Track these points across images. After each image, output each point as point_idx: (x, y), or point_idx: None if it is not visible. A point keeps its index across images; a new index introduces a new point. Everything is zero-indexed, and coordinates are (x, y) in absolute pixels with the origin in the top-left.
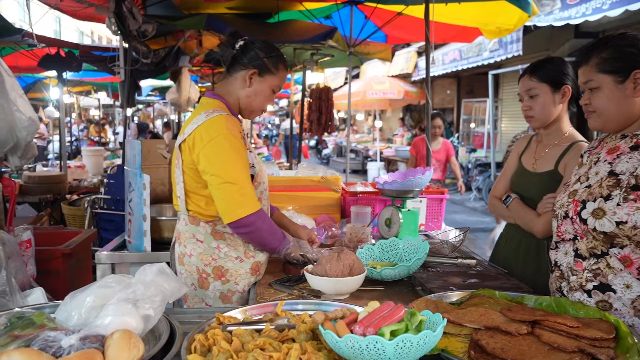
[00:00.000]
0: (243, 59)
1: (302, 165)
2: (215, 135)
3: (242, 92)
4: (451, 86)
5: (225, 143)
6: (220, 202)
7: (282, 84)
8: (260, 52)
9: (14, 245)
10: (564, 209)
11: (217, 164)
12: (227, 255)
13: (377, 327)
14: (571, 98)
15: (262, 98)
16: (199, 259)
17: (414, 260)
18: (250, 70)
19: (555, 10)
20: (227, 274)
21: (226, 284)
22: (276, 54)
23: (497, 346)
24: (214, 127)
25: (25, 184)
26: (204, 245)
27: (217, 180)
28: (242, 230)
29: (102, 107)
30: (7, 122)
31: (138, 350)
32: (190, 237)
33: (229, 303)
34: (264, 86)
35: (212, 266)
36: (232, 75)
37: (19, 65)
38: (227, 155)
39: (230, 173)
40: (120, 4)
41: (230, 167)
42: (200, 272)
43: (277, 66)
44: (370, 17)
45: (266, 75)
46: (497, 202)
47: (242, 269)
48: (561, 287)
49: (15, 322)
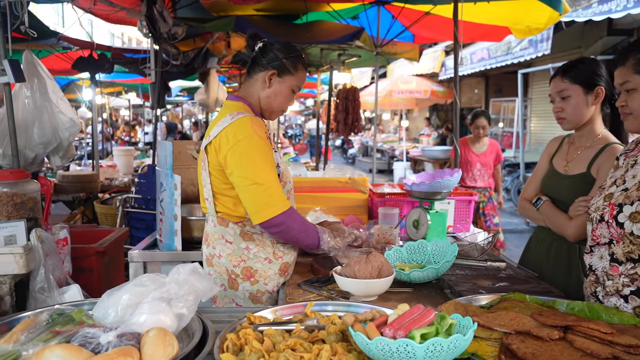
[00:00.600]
0: (262, 60)
1: (330, 167)
2: (241, 137)
3: (262, 93)
4: (479, 85)
5: (251, 144)
6: (249, 203)
7: (301, 84)
8: (279, 53)
9: (51, 243)
10: (599, 213)
11: (243, 165)
12: (256, 256)
13: (407, 330)
14: (604, 99)
15: (282, 98)
16: (228, 259)
17: (443, 263)
18: (270, 71)
19: (594, 3)
20: (256, 274)
21: (255, 285)
22: (295, 55)
23: (528, 351)
24: (239, 129)
25: (60, 183)
26: (233, 246)
27: (244, 182)
28: (273, 230)
29: (132, 107)
30: (51, 124)
31: (173, 348)
32: (219, 238)
33: (259, 303)
34: (283, 87)
35: (241, 267)
36: (252, 77)
37: (54, 67)
38: (253, 157)
39: (257, 174)
40: (151, 7)
41: (257, 168)
42: (229, 273)
43: (296, 66)
44: (397, 17)
45: (285, 75)
46: (528, 205)
47: (271, 270)
48: (596, 291)
49: (56, 318)
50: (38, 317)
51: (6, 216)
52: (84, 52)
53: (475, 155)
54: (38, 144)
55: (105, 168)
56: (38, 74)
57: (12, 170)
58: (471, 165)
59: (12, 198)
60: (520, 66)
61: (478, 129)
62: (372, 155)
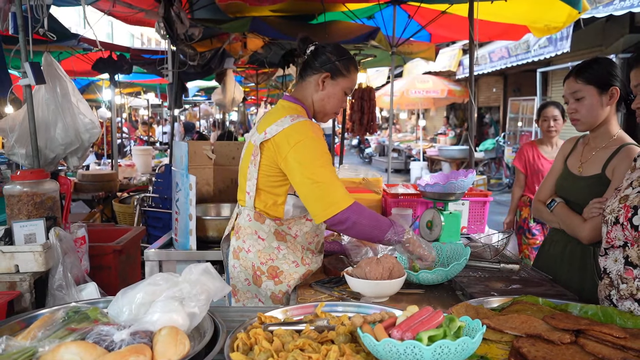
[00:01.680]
0: (315, 63)
1: (344, 167)
2: (302, 138)
3: (315, 95)
4: (497, 84)
5: (312, 145)
6: (311, 202)
7: (353, 85)
8: (332, 56)
9: (69, 242)
10: (615, 215)
11: (304, 166)
12: (285, 257)
13: (415, 332)
14: (620, 99)
15: (335, 100)
16: (257, 255)
17: (453, 265)
18: (323, 74)
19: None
20: (281, 275)
21: (278, 285)
22: (347, 57)
23: (539, 354)
24: (301, 131)
25: (79, 182)
26: (264, 243)
27: (307, 181)
28: (339, 227)
29: (151, 107)
30: (73, 125)
31: (184, 347)
32: (252, 233)
33: (279, 304)
34: (336, 89)
35: (268, 265)
36: (305, 80)
37: (75, 69)
38: (312, 157)
39: (317, 173)
40: (169, 8)
41: (316, 168)
42: (255, 268)
43: (349, 68)
44: (413, 16)
45: (338, 77)
46: (542, 206)
47: (297, 274)
48: (610, 295)
49: (72, 315)
50: (55, 315)
51: (26, 215)
52: (103, 53)
53: (548, 162)
54: (60, 144)
55: (123, 167)
56: (58, 75)
57: (33, 170)
58: (542, 174)
59: (32, 197)
60: (540, 65)
61: (547, 121)
62: (388, 155)
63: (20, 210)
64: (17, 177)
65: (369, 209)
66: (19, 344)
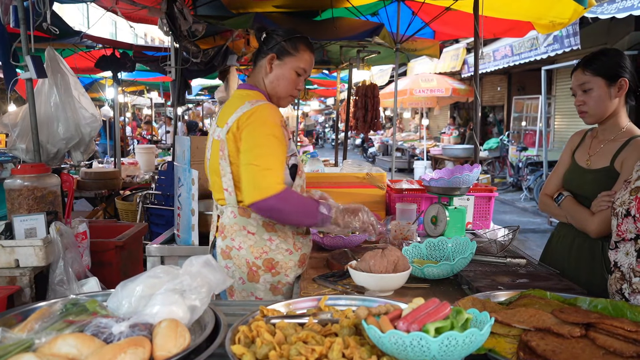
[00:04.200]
0: (264, 47)
1: (347, 162)
2: (256, 119)
3: (266, 79)
4: (501, 83)
5: (264, 128)
6: (244, 185)
7: (306, 65)
8: (278, 37)
9: (70, 237)
10: (625, 207)
11: (251, 145)
12: (278, 247)
13: (421, 324)
14: (629, 91)
15: (285, 82)
16: (250, 251)
17: (458, 259)
18: (269, 55)
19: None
20: (277, 266)
21: (277, 276)
22: (296, 36)
23: (548, 348)
24: (257, 113)
25: (82, 180)
26: (255, 237)
27: (245, 160)
28: (266, 215)
29: (154, 106)
30: (74, 119)
31: (184, 340)
32: (240, 229)
33: (279, 294)
34: (285, 69)
35: (262, 259)
36: (256, 67)
37: (78, 66)
38: (261, 138)
39: (260, 156)
40: (171, 5)
41: (261, 150)
42: (250, 265)
43: (297, 47)
44: (417, 12)
45: (285, 57)
46: (549, 200)
47: (292, 261)
48: (622, 289)
49: (70, 308)
50: (52, 307)
51: (27, 209)
52: (106, 51)
53: None
54: (61, 139)
55: (126, 165)
56: (61, 70)
57: (33, 164)
58: None
59: (33, 192)
60: (544, 63)
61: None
62: (392, 153)
63: (20, 204)
64: (18, 171)
65: (297, 194)
66: (15, 336)
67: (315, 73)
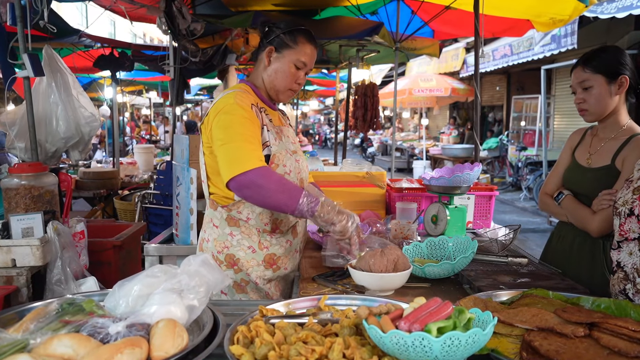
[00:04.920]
0: (264, 41)
1: (347, 161)
2: (222, 107)
3: (264, 73)
4: (501, 83)
5: (230, 113)
6: (222, 164)
7: (306, 58)
8: (277, 30)
9: (68, 236)
10: (628, 206)
11: (221, 130)
12: (239, 243)
13: (423, 324)
14: (629, 88)
15: (283, 75)
16: (214, 244)
17: (459, 258)
18: (267, 48)
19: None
20: (238, 262)
21: (239, 273)
22: (294, 28)
23: (552, 348)
24: (222, 101)
25: (81, 180)
26: (218, 230)
27: (217, 143)
28: (244, 193)
29: (153, 106)
30: (73, 118)
31: (182, 340)
32: (209, 221)
33: (242, 293)
34: (283, 62)
35: (224, 253)
36: (256, 62)
37: (76, 65)
38: (231, 121)
39: (231, 135)
40: (170, 3)
41: (232, 131)
42: (215, 258)
43: (296, 40)
44: (417, 11)
45: (284, 50)
46: (549, 200)
47: (254, 260)
48: (626, 289)
49: (67, 308)
50: (48, 307)
51: (24, 209)
52: (105, 50)
53: None
54: (61, 138)
55: (125, 165)
56: (59, 69)
57: (30, 163)
58: None
59: (30, 191)
60: (543, 63)
61: None
62: (391, 153)
63: (17, 203)
64: (15, 170)
65: (279, 175)
66: (10, 337)
67: (315, 72)
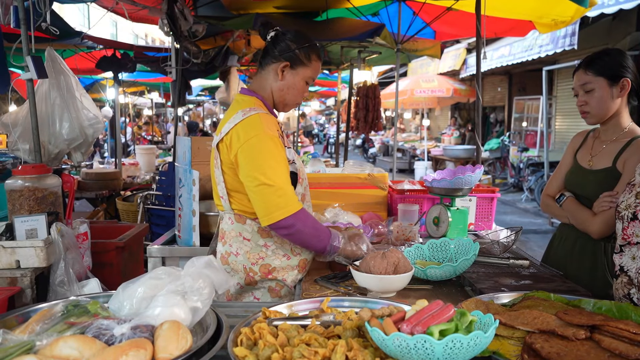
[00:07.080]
0: (274, 51)
1: (349, 163)
2: (252, 135)
3: (275, 85)
4: (502, 83)
5: (261, 144)
6: (258, 204)
7: (315, 75)
8: (292, 44)
9: (71, 237)
10: (632, 210)
11: (253, 165)
12: (274, 253)
13: (425, 326)
14: (631, 91)
15: (295, 91)
16: (246, 257)
17: (461, 261)
18: (282, 63)
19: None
20: (274, 271)
21: (274, 280)
22: (309, 45)
23: (553, 350)
24: (250, 126)
25: (83, 181)
26: (251, 243)
27: (253, 182)
28: (282, 232)
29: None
30: (77, 120)
31: (186, 341)
32: (237, 235)
33: (277, 297)
34: (297, 79)
35: (259, 264)
36: (264, 69)
37: (79, 67)
38: (263, 156)
39: (267, 174)
40: (172, 5)
41: (266, 168)
42: (247, 270)
43: (310, 57)
44: (418, 13)
45: (298, 67)
46: (551, 201)
47: (290, 266)
48: (630, 293)
49: (72, 309)
50: (53, 309)
51: (28, 210)
52: (107, 51)
53: None
54: (64, 140)
55: (127, 166)
56: (62, 70)
57: (34, 165)
58: None
59: (34, 192)
60: (545, 63)
61: None
62: (393, 154)
63: (21, 205)
64: (19, 171)
65: (313, 217)
66: (16, 338)
67: None
